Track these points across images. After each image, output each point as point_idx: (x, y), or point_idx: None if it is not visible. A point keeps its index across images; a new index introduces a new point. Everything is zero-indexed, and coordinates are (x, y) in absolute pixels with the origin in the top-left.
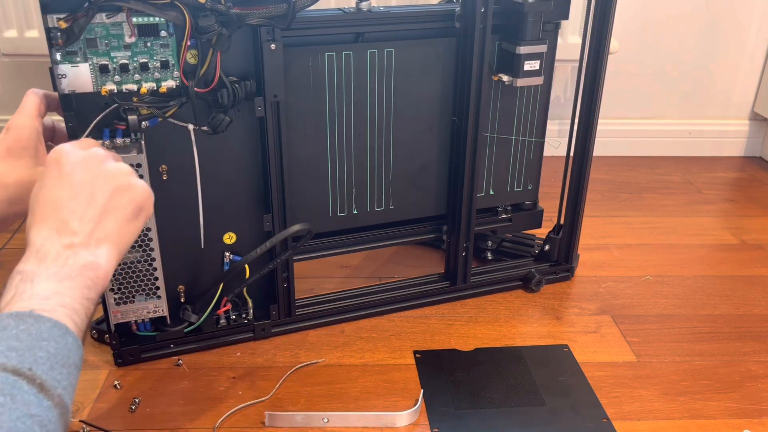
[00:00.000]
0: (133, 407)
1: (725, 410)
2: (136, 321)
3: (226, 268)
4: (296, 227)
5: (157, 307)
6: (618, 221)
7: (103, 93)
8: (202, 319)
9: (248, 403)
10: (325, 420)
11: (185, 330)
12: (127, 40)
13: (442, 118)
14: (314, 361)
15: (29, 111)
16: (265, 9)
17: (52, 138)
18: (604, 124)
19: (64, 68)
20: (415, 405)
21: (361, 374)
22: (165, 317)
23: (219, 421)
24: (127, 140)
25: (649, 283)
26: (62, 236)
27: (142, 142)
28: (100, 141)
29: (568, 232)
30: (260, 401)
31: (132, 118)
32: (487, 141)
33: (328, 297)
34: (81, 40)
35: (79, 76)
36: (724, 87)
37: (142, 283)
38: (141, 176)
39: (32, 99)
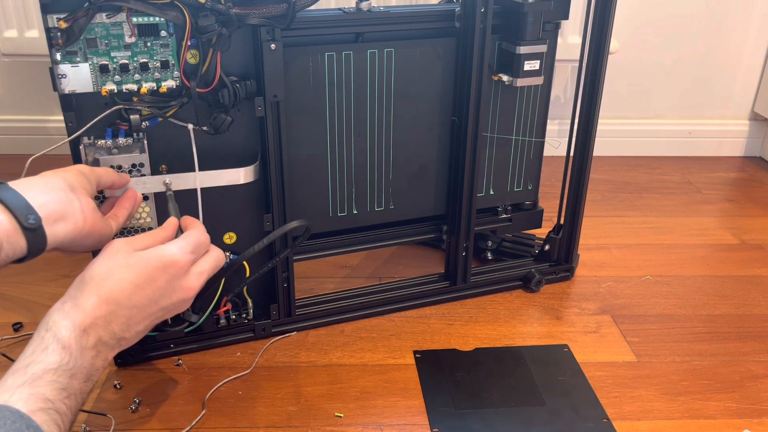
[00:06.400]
0: (133, 407)
1: (725, 410)
2: None
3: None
4: (293, 223)
5: None
6: (618, 221)
7: (104, 93)
8: (202, 319)
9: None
10: (167, 181)
11: (185, 330)
12: (127, 40)
13: (442, 118)
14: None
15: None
16: (265, 9)
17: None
18: (604, 124)
19: (64, 68)
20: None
21: (361, 374)
22: None
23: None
24: (129, 140)
25: (649, 283)
26: (105, 332)
27: (145, 141)
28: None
29: (568, 232)
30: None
31: (134, 117)
32: (487, 141)
33: (328, 297)
34: (81, 40)
35: (79, 76)
36: (724, 87)
37: None
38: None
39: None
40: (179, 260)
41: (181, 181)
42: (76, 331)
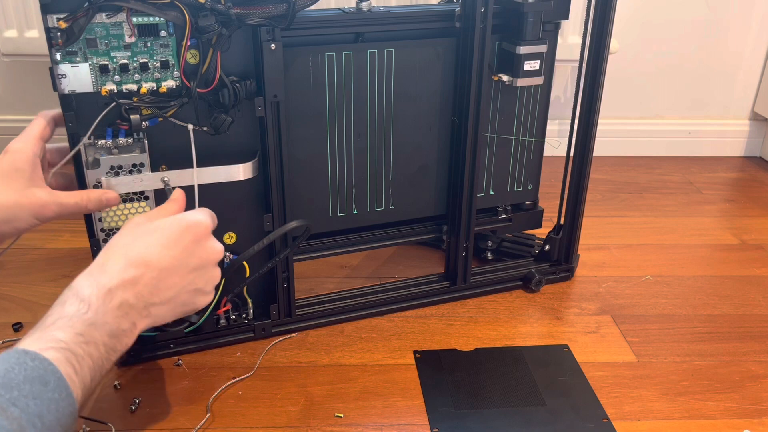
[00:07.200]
0: (133, 407)
1: (725, 410)
2: None
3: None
4: (293, 223)
5: None
6: (618, 221)
7: (103, 93)
8: (202, 319)
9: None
10: (166, 178)
11: (185, 330)
12: (127, 40)
13: (442, 118)
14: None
15: (29, 134)
16: (265, 9)
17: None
18: (604, 124)
19: (64, 68)
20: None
21: (361, 374)
22: None
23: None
24: (130, 140)
25: (649, 283)
26: (132, 294)
27: (145, 141)
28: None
29: (568, 232)
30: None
31: (134, 117)
32: (487, 141)
33: (328, 297)
34: (81, 40)
35: (79, 76)
36: (724, 87)
37: None
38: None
39: (36, 122)
40: (203, 221)
41: (180, 178)
42: (100, 290)
